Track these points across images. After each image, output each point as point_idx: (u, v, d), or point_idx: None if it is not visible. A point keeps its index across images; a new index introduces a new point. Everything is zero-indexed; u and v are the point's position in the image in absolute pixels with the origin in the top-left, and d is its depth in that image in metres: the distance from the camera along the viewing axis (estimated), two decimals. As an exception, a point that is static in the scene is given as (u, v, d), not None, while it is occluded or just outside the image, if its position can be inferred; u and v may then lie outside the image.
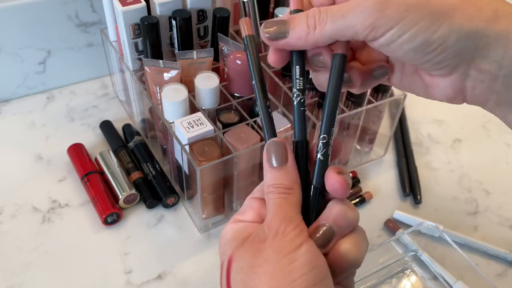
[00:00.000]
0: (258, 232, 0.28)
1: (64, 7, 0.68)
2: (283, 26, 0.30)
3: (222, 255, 0.29)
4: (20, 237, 0.56)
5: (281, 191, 0.29)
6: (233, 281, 0.27)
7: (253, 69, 0.34)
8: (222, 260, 0.29)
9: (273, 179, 0.29)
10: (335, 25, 0.28)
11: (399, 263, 0.56)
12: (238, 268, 0.27)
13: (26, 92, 0.74)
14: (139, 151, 0.63)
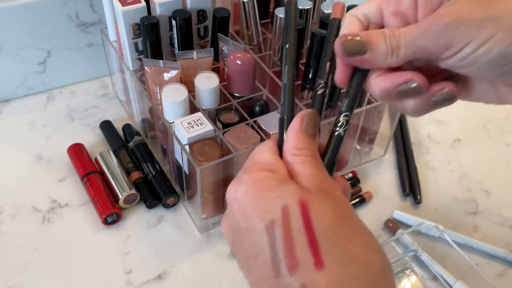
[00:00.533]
0: (318, 185, 0.28)
1: (64, 7, 0.68)
2: (363, 45, 0.30)
3: (278, 199, 0.27)
4: (20, 237, 0.56)
5: (311, 154, 0.30)
6: (318, 223, 0.26)
7: (288, 33, 0.34)
8: (283, 203, 0.27)
9: (305, 144, 0.30)
10: (409, 48, 0.29)
11: (399, 263, 0.56)
12: (323, 212, 0.26)
13: (26, 92, 0.74)
14: (139, 151, 0.63)
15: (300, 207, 0.26)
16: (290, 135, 0.31)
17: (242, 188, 0.29)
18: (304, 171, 0.29)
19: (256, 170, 0.30)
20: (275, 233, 0.26)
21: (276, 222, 0.26)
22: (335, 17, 0.36)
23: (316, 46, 0.55)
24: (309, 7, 0.60)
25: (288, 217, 0.26)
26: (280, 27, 0.59)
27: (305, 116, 0.31)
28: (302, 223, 0.26)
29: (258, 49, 0.65)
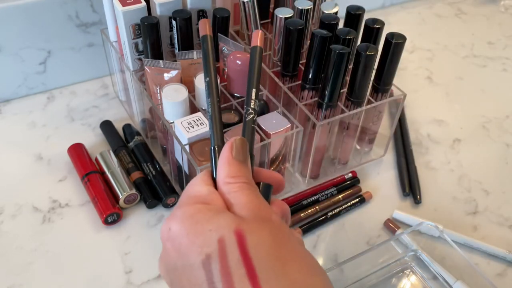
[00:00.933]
0: (254, 212, 0.28)
1: (64, 7, 0.68)
2: None
3: (214, 231, 0.27)
4: (21, 237, 0.56)
5: (245, 181, 0.30)
6: (256, 252, 0.25)
7: (207, 66, 0.35)
8: (219, 235, 0.26)
9: (238, 171, 0.30)
10: None
11: (398, 263, 0.56)
12: (260, 241, 0.26)
13: (27, 92, 0.74)
14: (139, 151, 0.64)
15: (236, 237, 0.26)
16: (221, 163, 0.30)
17: (176, 224, 0.28)
18: (239, 199, 0.29)
19: (190, 203, 0.29)
20: (212, 268, 0.25)
21: (212, 256, 0.26)
22: (255, 45, 0.36)
23: (316, 46, 0.55)
24: (309, 7, 0.60)
25: (225, 249, 0.26)
26: (280, 27, 0.60)
27: (234, 144, 0.31)
28: (239, 254, 0.25)
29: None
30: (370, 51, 0.54)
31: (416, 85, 0.83)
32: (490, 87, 0.84)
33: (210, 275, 0.25)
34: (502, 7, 1.05)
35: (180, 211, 0.29)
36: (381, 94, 0.61)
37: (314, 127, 0.57)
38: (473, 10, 1.03)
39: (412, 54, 0.90)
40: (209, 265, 0.26)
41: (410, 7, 1.02)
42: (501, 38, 0.95)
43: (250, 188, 0.29)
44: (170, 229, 0.28)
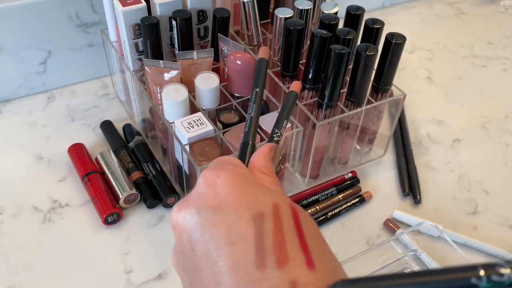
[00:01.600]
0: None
1: (64, 7, 0.68)
2: None
3: (269, 195, 0.26)
4: (21, 237, 0.56)
5: (276, 179, 0.31)
6: (307, 230, 0.25)
7: (259, 80, 0.41)
8: (274, 201, 0.25)
9: (272, 169, 0.31)
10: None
11: (398, 263, 0.56)
12: (309, 221, 0.26)
13: (27, 92, 0.74)
14: (140, 151, 0.64)
15: (291, 211, 0.26)
16: (260, 157, 0.31)
17: (227, 175, 0.27)
18: (274, 189, 0.29)
19: (238, 165, 0.29)
20: (264, 225, 0.24)
21: (266, 215, 0.25)
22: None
23: (316, 46, 0.55)
24: (309, 7, 0.60)
25: (280, 215, 0.25)
26: (280, 27, 0.60)
27: (272, 148, 0.32)
28: (293, 224, 0.25)
29: (258, 49, 0.65)
30: (370, 51, 0.54)
31: (416, 85, 0.83)
32: (490, 87, 0.84)
33: (260, 231, 0.24)
34: (502, 7, 1.05)
35: (230, 166, 0.28)
36: (381, 94, 0.61)
37: (314, 127, 0.57)
38: (473, 10, 1.03)
39: (412, 54, 0.90)
40: (261, 222, 0.24)
41: (410, 7, 1.02)
42: (501, 38, 0.96)
43: (281, 187, 0.30)
44: (218, 176, 0.27)
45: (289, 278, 0.22)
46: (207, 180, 0.27)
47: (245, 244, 0.24)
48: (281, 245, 0.24)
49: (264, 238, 0.24)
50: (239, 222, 0.25)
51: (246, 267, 0.23)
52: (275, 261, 0.23)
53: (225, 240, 0.24)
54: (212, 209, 0.26)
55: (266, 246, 0.24)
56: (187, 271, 0.27)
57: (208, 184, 0.27)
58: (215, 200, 0.26)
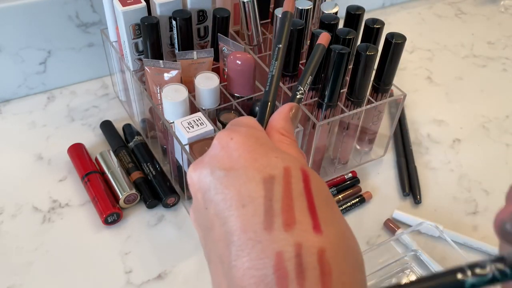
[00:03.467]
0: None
1: (64, 7, 0.68)
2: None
3: (280, 158, 0.26)
4: (21, 237, 0.56)
5: (295, 140, 0.31)
6: (317, 194, 0.25)
7: (281, 36, 0.37)
8: (286, 164, 0.26)
9: (291, 130, 0.31)
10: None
11: (398, 263, 0.56)
12: (320, 185, 0.26)
13: (27, 92, 0.74)
14: (139, 151, 0.64)
15: (302, 174, 0.26)
16: (279, 117, 0.31)
17: (240, 137, 0.27)
18: (291, 151, 0.29)
19: (254, 127, 0.29)
20: (274, 188, 0.25)
21: (276, 178, 0.25)
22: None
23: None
24: (309, 7, 0.60)
25: (290, 178, 0.25)
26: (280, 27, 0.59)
27: (294, 107, 0.32)
28: (303, 187, 0.25)
29: (258, 49, 0.65)
30: (370, 51, 0.54)
31: (416, 85, 0.83)
32: (490, 87, 0.84)
33: (270, 194, 0.25)
34: (502, 7, 1.05)
35: (244, 128, 0.28)
36: (381, 94, 0.61)
37: (314, 127, 0.57)
38: (473, 10, 1.03)
39: (412, 54, 0.90)
40: (271, 185, 0.25)
41: (410, 7, 1.02)
42: (501, 38, 0.96)
43: (298, 148, 0.30)
44: (232, 138, 0.27)
45: (295, 240, 0.23)
46: (221, 142, 0.28)
47: (254, 206, 0.24)
48: (289, 208, 0.24)
49: (273, 201, 0.24)
50: (250, 184, 0.25)
51: (254, 228, 0.24)
52: (282, 223, 0.24)
53: (236, 201, 0.25)
54: (225, 171, 0.26)
55: (274, 209, 0.24)
56: (202, 228, 0.28)
57: (221, 146, 0.27)
58: (227, 162, 0.26)
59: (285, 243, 0.23)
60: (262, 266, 0.23)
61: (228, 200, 0.25)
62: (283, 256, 0.23)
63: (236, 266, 0.24)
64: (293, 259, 0.22)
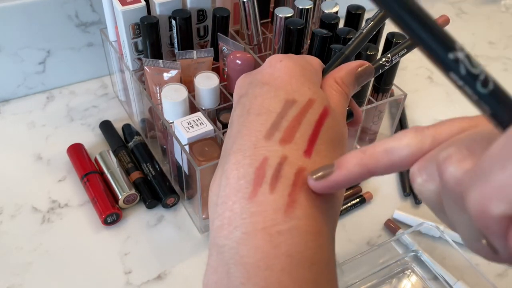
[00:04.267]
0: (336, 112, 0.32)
1: (64, 7, 0.68)
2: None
3: (311, 91, 0.29)
4: (20, 237, 0.56)
5: (347, 92, 0.33)
6: (326, 129, 0.28)
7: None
8: (312, 97, 0.29)
9: (350, 84, 0.33)
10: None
11: (399, 263, 0.56)
12: (332, 127, 0.29)
13: (26, 92, 0.74)
14: (139, 151, 0.63)
15: (322, 110, 0.29)
16: (344, 68, 0.33)
17: (288, 63, 0.30)
18: (333, 98, 0.31)
19: (307, 61, 0.32)
20: (290, 110, 0.28)
21: (297, 103, 0.28)
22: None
23: (316, 45, 0.55)
24: (309, 7, 0.60)
25: (309, 108, 0.28)
26: (280, 26, 0.59)
27: (365, 65, 0.34)
28: (316, 120, 0.28)
29: (258, 49, 0.65)
30: (370, 51, 0.54)
31: (417, 85, 0.82)
32: (490, 87, 0.84)
33: (284, 112, 0.28)
34: (503, 6, 1.04)
35: (297, 57, 0.31)
36: (381, 94, 0.60)
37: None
38: (474, 9, 1.03)
39: (412, 54, 0.89)
40: (289, 106, 0.28)
41: (410, 6, 1.02)
42: (502, 38, 0.95)
43: (346, 99, 0.32)
44: (281, 61, 0.30)
45: (283, 153, 0.26)
46: (271, 61, 0.31)
47: (266, 117, 0.28)
48: (293, 129, 0.27)
49: (283, 119, 0.28)
50: (273, 100, 0.29)
51: (257, 134, 0.27)
52: (280, 138, 0.27)
53: (256, 109, 0.29)
54: (261, 83, 0.30)
55: (281, 125, 0.27)
56: (228, 126, 0.32)
57: (270, 64, 0.31)
58: (267, 77, 0.30)
59: (274, 152, 0.26)
60: (249, 164, 0.26)
61: (252, 106, 0.29)
62: (267, 161, 0.26)
63: (231, 160, 0.27)
64: (275, 166, 0.26)
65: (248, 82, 0.31)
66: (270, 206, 0.24)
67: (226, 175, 0.27)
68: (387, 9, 0.17)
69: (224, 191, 0.26)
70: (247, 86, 0.31)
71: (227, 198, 0.26)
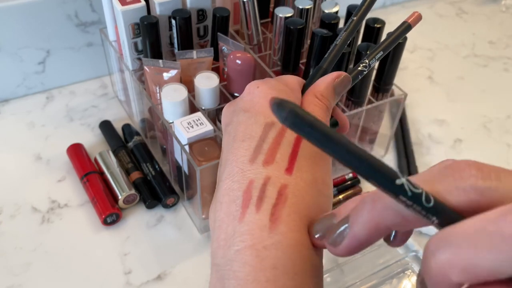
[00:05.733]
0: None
1: (63, 6, 0.68)
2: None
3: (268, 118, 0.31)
4: (20, 237, 0.56)
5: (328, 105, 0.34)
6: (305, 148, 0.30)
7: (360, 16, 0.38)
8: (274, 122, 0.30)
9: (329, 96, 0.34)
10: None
11: (399, 264, 0.56)
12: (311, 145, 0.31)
13: (26, 92, 0.74)
14: (139, 151, 0.63)
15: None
16: (322, 81, 0.34)
17: (264, 88, 0.32)
18: (315, 114, 0.32)
19: (282, 83, 0.33)
20: (270, 132, 0.30)
21: (275, 125, 0.30)
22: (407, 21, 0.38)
23: (316, 45, 0.55)
24: (309, 7, 0.60)
25: (286, 128, 0.30)
26: (280, 26, 0.59)
27: (341, 76, 0.35)
28: (294, 139, 0.30)
29: (258, 49, 0.65)
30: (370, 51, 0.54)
31: (417, 85, 0.82)
32: (491, 87, 0.83)
33: (264, 136, 0.30)
34: (503, 6, 1.04)
35: (274, 81, 0.33)
36: (381, 94, 0.60)
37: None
38: (474, 9, 1.03)
39: (413, 54, 0.89)
40: (268, 129, 0.30)
41: (411, 6, 1.02)
42: (502, 38, 0.95)
43: (327, 112, 0.33)
44: (258, 87, 0.32)
45: (267, 174, 0.28)
46: (249, 88, 0.33)
47: (250, 142, 0.30)
48: (274, 150, 0.29)
49: (264, 142, 0.30)
50: (254, 125, 0.30)
51: (243, 159, 0.29)
52: (263, 160, 0.29)
53: (240, 136, 0.30)
54: (243, 111, 0.32)
55: (262, 148, 0.29)
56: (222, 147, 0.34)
57: (249, 91, 0.33)
58: (248, 105, 0.32)
59: (258, 174, 0.28)
60: (237, 188, 0.28)
61: (236, 133, 0.31)
62: (253, 183, 0.28)
63: (222, 186, 0.29)
64: (259, 187, 0.28)
65: (232, 110, 0.33)
66: (256, 225, 0.26)
67: (219, 201, 0.29)
68: (336, 157, 0.20)
69: (219, 216, 0.28)
70: (231, 114, 0.33)
71: (222, 222, 0.28)
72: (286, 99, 0.20)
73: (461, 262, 0.19)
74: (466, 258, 0.19)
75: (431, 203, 0.21)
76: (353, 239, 0.25)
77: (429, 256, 0.20)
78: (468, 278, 0.19)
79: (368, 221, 0.24)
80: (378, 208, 0.23)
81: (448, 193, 0.21)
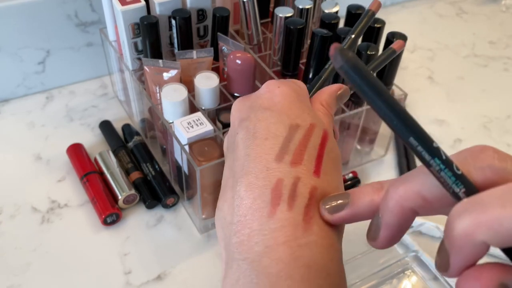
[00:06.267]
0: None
1: (63, 6, 0.68)
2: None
3: (311, 116, 0.31)
4: (19, 238, 0.56)
5: (332, 114, 0.35)
6: (329, 152, 0.30)
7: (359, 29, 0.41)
8: (313, 122, 0.31)
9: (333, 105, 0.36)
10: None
11: (399, 264, 0.56)
12: (333, 148, 0.31)
13: (25, 92, 0.74)
14: (139, 151, 0.63)
15: (323, 134, 0.31)
16: (326, 91, 0.35)
17: (286, 89, 0.32)
18: (324, 120, 0.33)
19: (301, 88, 0.34)
20: (295, 135, 0.30)
21: (300, 128, 0.30)
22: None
23: (316, 45, 0.55)
24: (309, 6, 0.60)
25: (312, 132, 0.30)
26: (280, 26, 0.59)
27: (343, 88, 0.36)
28: (320, 143, 0.30)
29: (258, 49, 0.65)
30: (370, 51, 0.54)
31: (417, 85, 0.82)
32: (491, 87, 0.83)
33: (290, 138, 0.29)
34: (503, 6, 1.04)
35: (292, 83, 0.33)
36: (381, 94, 0.60)
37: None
38: (474, 9, 1.03)
39: (413, 54, 0.89)
40: (294, 131, 0.30)
41: (411, 6, 1.02)
42: (502, 38, 0.95)
43: (332, 120, 0.34)
44: (279, 87, 0.32)
45: (296, 174, 0.28)
46: (269, 87, 0.32)
47: (274, 141, 0.29)
48: (301, 152, 0.29)
49: (291, 142, 0.29)
50: (278, 125, 0.30)
51: (267, 157, 0.29)
52: (290, 160, 0.29)
53: (262, 134, 0.30)
54: (262, 108, 0.31)
55: (289, 148, 0.29)
56: (230, 150, 0.33)
57: (268, 89, 0.32)
58: (268, 102, 0.32)
59: (287, 174, 0.28)
60: (263, 186, 0.28)
61: (257, 131, 0.30)
62: (282, 182, 0.28)
63: (243, 182, 0.28)
64: (290, 186, 0.28)
65: (248, 106, 0.33)
66: (289, 222, 0.26)
67: (240, 196, 0.28)
68: (380, 114, 0.22)
69: (239, 210, 0.28)
70: (248, 110, 0.32)
71: (244, 217, 0.28)
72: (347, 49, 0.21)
73: (488, 220, 0.20)
74: (493, 216, 0.20)
75: (460, 171, 0.22)
76: (387, 228, 0.26)
77: (454, 219, 0.21)
78: (492, 237, 0.20)
79: (394, 206, 0.26)
80: (400, 192, 0.26)
81: (467, 172, 0.23)
